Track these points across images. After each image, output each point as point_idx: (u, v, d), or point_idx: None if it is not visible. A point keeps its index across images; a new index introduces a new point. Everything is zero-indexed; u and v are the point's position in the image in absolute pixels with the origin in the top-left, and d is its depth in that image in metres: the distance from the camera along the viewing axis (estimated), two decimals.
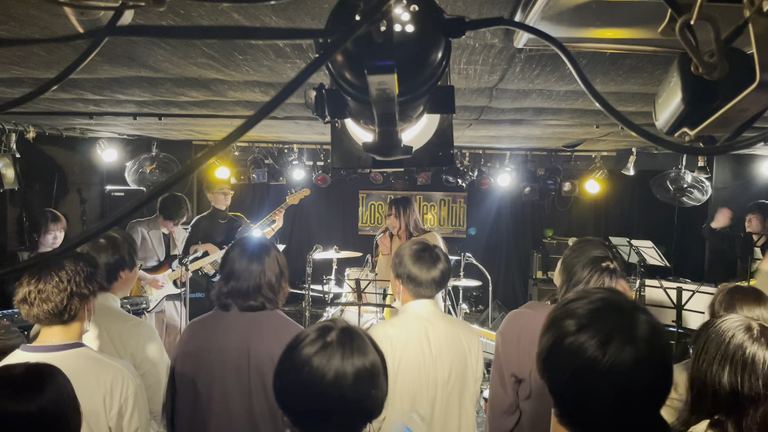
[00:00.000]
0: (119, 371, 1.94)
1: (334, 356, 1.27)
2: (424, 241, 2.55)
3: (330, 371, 1.26)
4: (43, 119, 4.48)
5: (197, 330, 2.33)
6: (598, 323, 1.06)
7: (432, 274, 2.43)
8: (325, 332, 1.32)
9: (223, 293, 2.29)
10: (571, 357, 1.07)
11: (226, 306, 2.29)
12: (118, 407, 1.91)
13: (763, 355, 1.50)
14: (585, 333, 1.06)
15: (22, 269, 1.78)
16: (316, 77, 2.10)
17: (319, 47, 0.90)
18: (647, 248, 5.79)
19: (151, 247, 5.09)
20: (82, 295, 1.94)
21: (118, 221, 0.72)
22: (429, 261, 2.44)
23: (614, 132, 4.48)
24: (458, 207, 8.30)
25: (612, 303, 1.10)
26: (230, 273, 2.28)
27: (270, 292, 2.29)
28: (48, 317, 1.90)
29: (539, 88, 2.74)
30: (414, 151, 1.12)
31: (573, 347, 1.06)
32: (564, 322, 1.09)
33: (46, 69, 2.40)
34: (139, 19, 1.54)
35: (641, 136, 0.93)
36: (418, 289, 2.46)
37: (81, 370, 1.84)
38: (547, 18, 1.39)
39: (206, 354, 2.24)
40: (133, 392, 1.95)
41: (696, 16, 0.79)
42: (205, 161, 0.70)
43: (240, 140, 5.79)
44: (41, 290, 1.87)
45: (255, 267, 2.27)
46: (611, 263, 2.17)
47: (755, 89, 0.80)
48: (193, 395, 2.24)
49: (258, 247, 2.34)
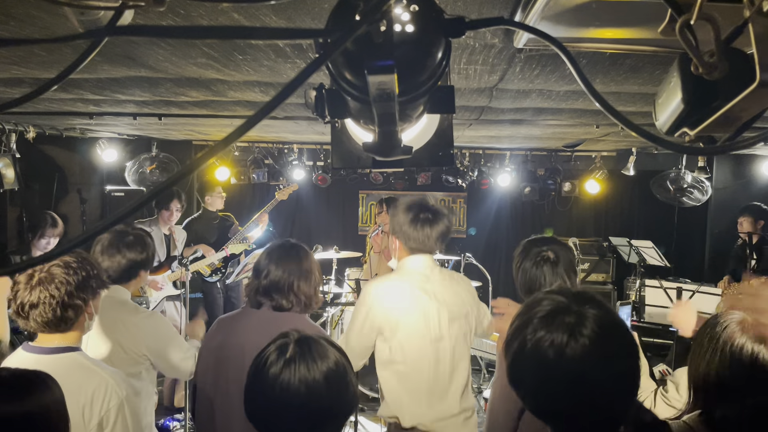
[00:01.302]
0: (103, 382, 1.86)
1: (299, 368, 1.30)
2: (423, 199, 2.54)
3: (299, 383, 1.29)
4: (43, 119, 4.48)
5: (223, 326, 2.36)
6: (551, 326, 1.11)
7: (431, 233, 2.43)
8: (283, 349, 1.34)
9: (258, 291, 2.29)
10: (532, 362, 1.12)
11: (259, 304, 2.30)
12: (98, 419, 1.82)
13: (751, 347, 1.51)
14: (541, 336, 1.11)
15: (21, 269, 1.77)
16: (316, 77, 2.10)
17: (319, 47, 0.90)
18: (647, 248, 5.79)
19: None
20: (76, 306, 1.89)
21: (119, 221, 0.72)
22: (427, 221, 2.45)
23: (614, 132, 4.48)
24: (458, 207, 8.30)
25: (559, 305, 1.15)
26: (268, 272, 2.28)
27: (303, 296, 2.28)
28: (44, 329, 1.88)
29: (539, 88, 2.74)
30: (414, 151, 1.12)
31: (532, 352, 1.12)
32: (524, 330, 1.15)
33: (46, 69, 2.40)
34: (139, 19, 1.53)
35: (641, 136, 0.93)
36: (418, 246, 2.47)
37: (67, 376, 1.75)
38: (547, 18, 1.39)
39: (226, 350, 2.25)
40: (116, 405, 1.85)
41: (696, 16, 0.79)
42: (205, 161, 0.70)
43: (240, 140, 5.79)
44: (34, 304, 1.83)
45: (293, 269, 2.28)
46: (548, 253, 2.21)
47: (755, 89, 0.80)
48: (213, 390, 2.26)
49: (299, 251, 2.35)
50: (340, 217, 8.34)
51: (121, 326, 2.37)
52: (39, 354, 1.88)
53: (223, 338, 2.29)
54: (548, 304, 1.15)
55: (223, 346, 2.27)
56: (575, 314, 1.11)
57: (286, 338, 1.38)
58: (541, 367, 1.11)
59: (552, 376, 1.10)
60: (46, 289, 1.84)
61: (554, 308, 1.14)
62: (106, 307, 2.19)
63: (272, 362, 1.32)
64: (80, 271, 1.92)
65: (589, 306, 1.13)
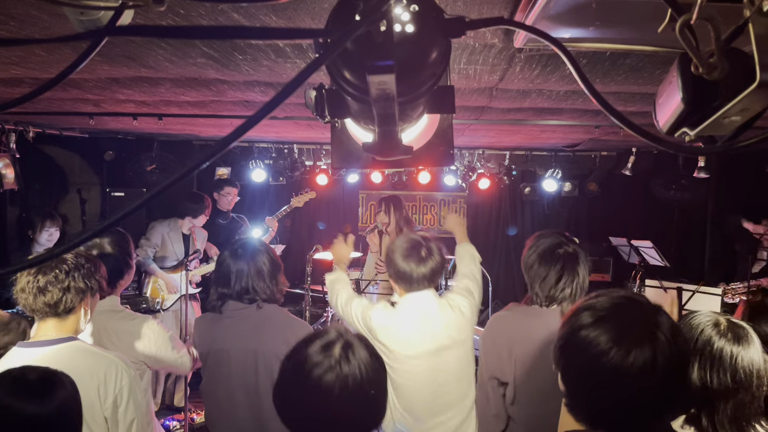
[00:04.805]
0: (112, 362, 1.95)
1: (342, 372, 1.27)
2: (415, 237, 2.52)
3: (340, 388, 1.25)
4: (43, 119, 4.48)
5: (205, 326, 2.43)
6: (616, 318, 1.07)
7: (421, 270, 2.41)
8: (328, 349, 1.30)
9: (219, 296, 2.33)
10: (582, 349, 1.07)
11: (221, 309, 2.35)
12: (113, 398, 1.92)
13: (730, 349, 1.52)
14: (600, 326, 1.06)
15: (21, 269, 1.79)
16: (316, 77, 2.10)
17: (319, 47, 0.90)
18: (647, 248, 5.79)
19: (171, 248, 5.13)
20: (79, 290, 1.95)
21: (119, 221, 0.72)
22: (418, 257, 2.43)
23: (614, 132, 4.48)
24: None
25: (634, 301, 1.11)
26: (224, 276, 2.31)
27: (262, 289, 2.33)
28: (43, 309, 1.92)
29: (539, 88, 2.74)
30: (414, 151, 1.12)
31: (586, 340, 1.06)
32: (582, 314, 1.10)
33: (46, 69, 2.40)
34: (139, 19, 1.53)
35: (641, 136, 0.93)
36: (409, 285, 2.45)
37: (75, 362, 1.87)
38: (547, 18, 1.39)
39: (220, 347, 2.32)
40: (128, 383, 1.95)
41: (696, 16, 0.79)
42: (206, 161, 0.70)
43: (240, 140, 5.78)
44: (39, 281, 1.90)
45: (244, 267, 2.32)
46: (568, 247, 2.18)
47: (755, 89, 0.80)
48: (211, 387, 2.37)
49: (246, 248, 2.37)
50: (340, 217, 8.33)
51: (113, 335, 2.37)
52: (39, 348, 1.91)
53: (212, 336, 2.36)
54: (621, 299, 1.10)
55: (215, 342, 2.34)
56: (651, 324, 1.07)
57: (329, 336, 1.34)
58: (617, 375, 1.05)
59: (626, 383, 1.05)
60: (54, 269, 1.91)
61: (629, 318, 1.08)
62: (98, 317, 2.23)
63: (317, 363, 1.28)
64: (88, 264, 2.01)
65: (661, 313, 1.09)
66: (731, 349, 1.52)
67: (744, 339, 1.54)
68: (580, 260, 2.18)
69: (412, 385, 2.44)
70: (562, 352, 1.14)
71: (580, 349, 1.09)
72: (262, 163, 6.58)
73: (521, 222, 8.10)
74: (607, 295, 1.13)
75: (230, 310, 2.32)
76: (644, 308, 1.10)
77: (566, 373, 1.14)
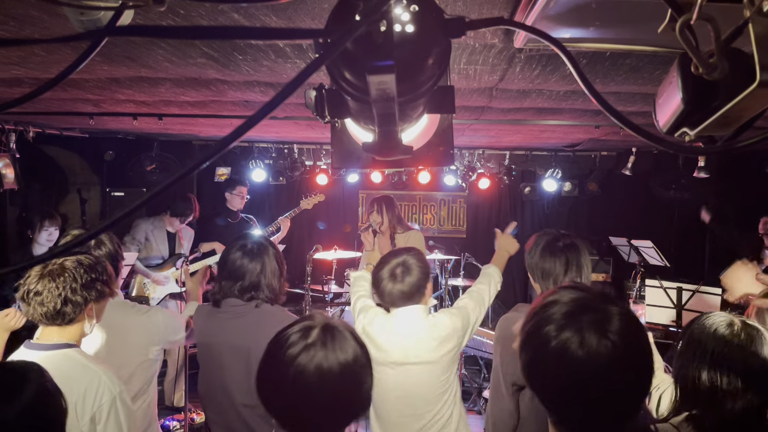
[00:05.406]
0: (96, 378, 1.87)
1: (317, 355, 1.27)
2: (393, 257, 2.51)
3: (314, 370, 1.25)
4: (43, 119, 4.48)
5: (206, 318, 2.43)
6: (574, 323, 1.09)
7: (398, 287, 2.44)
8: (306, 331, 1.31)
9: (221, 290, 2.32)
10: (556, 360, 1.10)
11: (219, 303, 2.35)
12: (90, 414, 1.84)
13: (743, 350, 1.50)
14: (565, 334, 1.09)
15: (22, 268, 1.79)
16: (316, 77, 2.10)
17: (319, 47, 0.90)
18: (647, 248, 5.79)
19: (155, 246, 5.11)
20: (77, 303, 1.92)
21: (119, 221, 0.72)
22: (393, 277, 2.44)
23: (614, 132, 4.48)
24: (458, 207, 8.29)
25: (582, 301, 1.13)
26: (231, 271, 2.30)
27: (268, 289, 2.33)
28: (43, 319, 1.92)
29: (539, 88, 2.74)
30: (414, 151, 1.12)
31: (557, 350, 1.09)
32: (543, 329, 1.12)
33: (46, 69, 2.40)
34: (139, 19, 1.54)
35: (641, 136, 0.93)
36: (392, 303, 2.49)
37: (60, 372, 1.76)
38: (547, 18, 1.39)
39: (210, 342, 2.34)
40: (109, 401, 1.86)
41: (696, 16, 0.79)
42: (206, 161, 0.70)
43: (240, 140, 5.78)
44: (38, 292, 1.88)
45: (254, 265, 2.30)
46: (567, 240, 2.22)
47: (755, 89, 0.80)
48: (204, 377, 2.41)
49: (257, 246, 2.35)
50: (340, 216, 8.33)
51: (129, 330, 2.40)
52: (37, 350, 1.91)
53: (208, 331, 2.38)
54: (569, 301, 1.13)
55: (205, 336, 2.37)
56: (600, 312, 1.09)
57: (311, 320, 1.35)
58: (567, 364, 1.08)
59: (577, 373, 1.08)
60: (53, 280, 1.89)
61: (578, 305, 1.12)
62: (111, 312, 2.22)
63: (293, 343, 1.29)
64: (90, 271, 1.97)
65: (611, 303, 1.11)
66: (744, 349, 1.50)
67: (758, 340, 1.51)
68: (581, 251, 2.21)
69: (378, 391, 2.46)
70: (534, 372, 1.16)
71: (552, 362, 1.11)
72: (262, 163, 6.59)
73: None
74: (557, 303, 1.15)
75: (228, 306, 2.31)
76: (592, 304, 1.12)
77: (544, 390, 1.16)
